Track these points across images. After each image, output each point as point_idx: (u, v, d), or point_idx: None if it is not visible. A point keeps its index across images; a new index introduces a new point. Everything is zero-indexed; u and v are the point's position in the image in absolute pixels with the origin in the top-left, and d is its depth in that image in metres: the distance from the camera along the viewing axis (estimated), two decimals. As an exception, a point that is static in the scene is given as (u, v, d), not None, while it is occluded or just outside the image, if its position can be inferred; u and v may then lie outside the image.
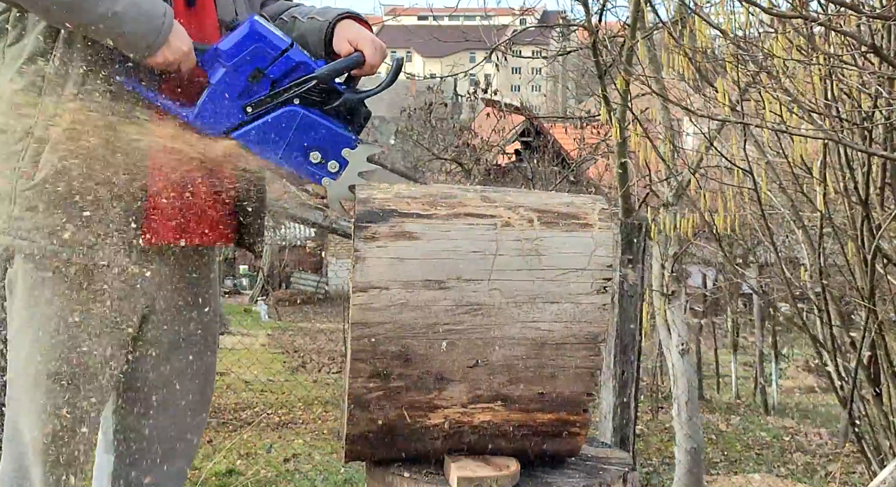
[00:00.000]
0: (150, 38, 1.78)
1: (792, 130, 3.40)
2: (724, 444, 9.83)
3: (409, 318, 1.52)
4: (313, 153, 1.82)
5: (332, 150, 1.83)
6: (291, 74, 1.83)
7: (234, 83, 1.81)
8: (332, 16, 2.05)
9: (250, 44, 1.81)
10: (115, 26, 1.76)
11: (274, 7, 2.21)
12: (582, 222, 1.58)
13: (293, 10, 2.18)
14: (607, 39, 4.80)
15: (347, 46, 1.96)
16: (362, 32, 2.00)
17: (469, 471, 1.57)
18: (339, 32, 2.02)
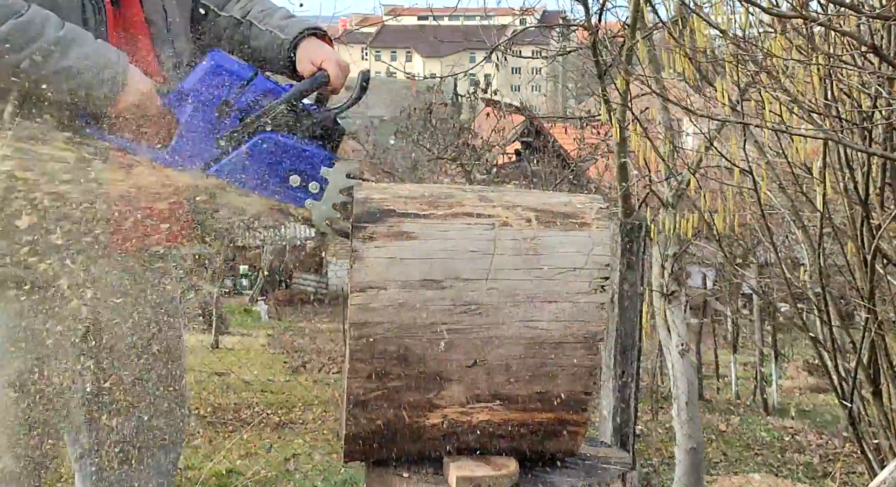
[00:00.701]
0: (106, 88, 1.78)
1: (792, 130, 3.40)
2: (724, 444, 9.82)
3: (407, 318, 1.52)
4: (292, 177, 1.81)
5: (311, 171, 1.82)
6: (260, 102, 1.82)
7: (203, 119, 1.81)
8: (294, 33, 2.04)
9: (214, 78, 1.81)
10: (68, 81, 1.76)
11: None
12: (580, 221, 1.58)
13: (249, 13, 2.14)
14: (607, 39, 4.80)
15: (311, 67, 1.97)
16: (325, 51, 2.00)
17: (468, 471, 1.57)
18: (302, 52, 2.02)
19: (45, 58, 1.74)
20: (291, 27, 2.07)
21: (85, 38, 1.80)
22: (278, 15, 2.13)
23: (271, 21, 2.11)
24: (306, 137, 1.84)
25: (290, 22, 2.10)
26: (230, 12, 2.16)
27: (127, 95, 1.81)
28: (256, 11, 2.14)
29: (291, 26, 2.07)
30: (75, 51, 1.77)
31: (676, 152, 4.92)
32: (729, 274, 10.19)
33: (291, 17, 2.14)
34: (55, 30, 1.77)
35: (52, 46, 1.75)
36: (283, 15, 2.14)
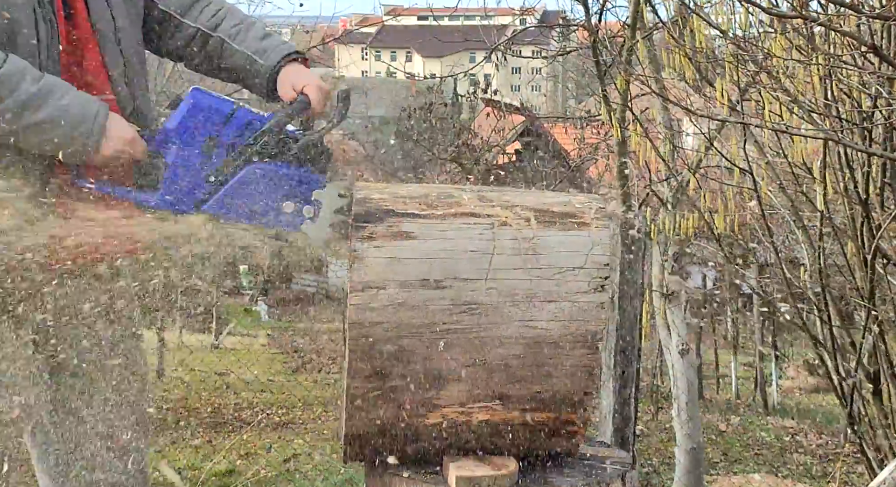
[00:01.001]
0: (80, 142, 1.78)
1: (792, 130, 3.40)
2: (724, 444, 9.83)
3: (406, 318, 1.52)
4: (285, 204, 1.82)
5: (303, 196, 1.83)
6: (244, 134, 1.83)
7: (190, 158, 1.82)
8: (275, 60, 2.04)
9: (196, 116, 1.82)
10: (41, 135, 1.76)
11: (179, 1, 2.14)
12: (579, 221, 1.58)
13: (220, 26, 2.11)
14: (607, 39, 4.80)
15: (292, 93, 1.97)
16: (305, 76, 2.00)
17: (468, 471, 1.57)
18: (282, 78, 2.02)
19: (19, 112, 1.74)
20: (271, 52, 2.06)
21: (63, 91, 1.80)
22: (253, 33, 2.11)
23: (247, 40, 2.09)
24: (294, 162, 1.85)
25: (269, 44, 2.08)
26: (196, 21, 2.13)
27: (112, 144, 1.81)
28: (229, 26, 2.11)
29: (270, 50, 2.06)
30: (51, 105, 1.77)
31: (676, 152, 4.92)
32: (729, 274, 10.19)
33: (267, 35, 2.11)
34: (31, 84, 1.77)
35: (26, 101, 1.75)
36: (258, 33, 2.11)
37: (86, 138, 1.79)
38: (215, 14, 2.13)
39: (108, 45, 2.01)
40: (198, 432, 8.36)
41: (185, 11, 2.13)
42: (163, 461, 6.83)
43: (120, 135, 1.83)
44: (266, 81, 2.05)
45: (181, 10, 2.13)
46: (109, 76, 2.01)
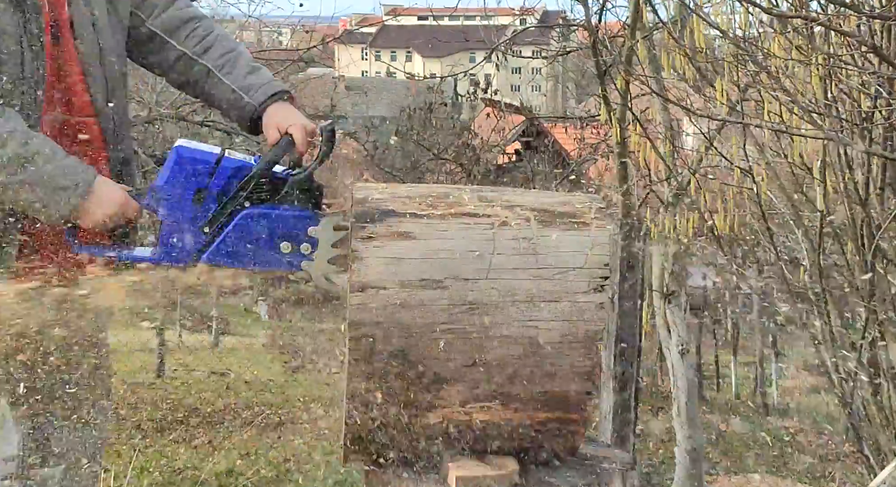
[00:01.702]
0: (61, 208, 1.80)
1: (792, 131, 3.40)
2: (724, 444, 9.83)
3: (406, 318, 1.52)
4: (283, 244, 1.82)
5: (299, 234, 1.83)
6: (233, 181, 1.83)
7: (182, 212, 1.83)
8: (260, 99, 2.04)
9: (183, 170, 1.83)
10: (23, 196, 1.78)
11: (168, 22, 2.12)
12: (579, 220, 1.58)
13: (208, 52, 2.10)
14: (607, 39, 4.80)
15: (276, 133, 1.97)
16: (290, 116, 2.00)
17: (467, 471, 1.57)
18: (267, 118, 2.02)
19: (1, 169, 1.75)
20: (257, 90, 2.05)
21: (48, 157, 1.80)
22: (241, 66, 2.10)
23: (234, 73, 2.07)
24: (286, 202, 1.85)
25: (255, 80, 2.07)
26: (183, 45, 2.11)
27: (103, 209, 1.84)
28: (216, 55, 2.10)
29: (257, 88, 2.05)
30: (34, 168, 1.78)
31: (676, 152, 4.92)
32: (729, 274, 10.18)
33: (255, 69, 2.10)
34: (18, 145, 1.77)
35: (10, 160, 1.76)
36: (245, 66, 2.10)
37: (63, 207, 1.80)
38: (203, 39, 2.11)
39: (91, 67, 2.01)
40: (198, 432, 8.37)
41: (173, 33, 2.12)
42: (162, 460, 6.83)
43: (111, 199, 1.85)
44: (250, 119, 2.06)
45: (168, 30, 2.11)
46: (91, 98, 2.01)
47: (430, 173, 9.72)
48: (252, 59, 2.14)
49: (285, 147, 1.93)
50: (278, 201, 1.84)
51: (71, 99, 1.98)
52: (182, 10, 2.13)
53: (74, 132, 1.97)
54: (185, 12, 2.14)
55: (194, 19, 2.13)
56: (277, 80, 2.12)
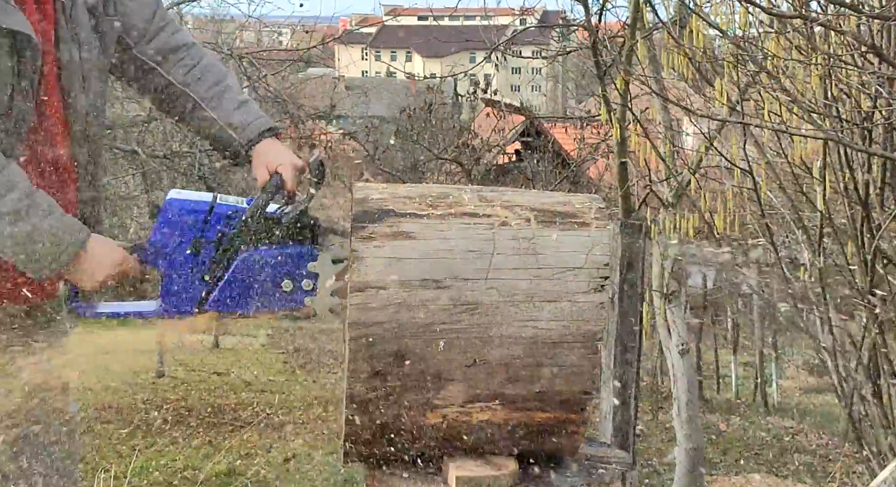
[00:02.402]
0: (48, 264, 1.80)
1: (792, 131, 3.40)
2: (724, 444, 9.83)
3: (406, 317, 1.52)
4: (284, 283, 1.83)
5: (299, 271, 1.84)
6: (227, 226, 1.84)
7: (181, 263, 1.84)
8: (248, 137, 2.03)
9: (177, 222, 1.84)
10: (16, 248, 1.78)
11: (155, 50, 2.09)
12: (579, 220, 1.58)
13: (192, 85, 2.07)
14: (607, 39, 4.80)
15: (266, 173, 1.97)
16: (278, 155, 2.00)
17: (467, 471, 1.57)
18: (255, 158, 2.02)
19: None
20: (245, 128, 2.04)
21: (45, 214, 1.80)
22: (229, 99, 2.08)
23: (221, 107, 2.06)
24: (283, 241, 1.86)
25: (243, 117, 2.05)
26: (169, 74, 2.08)
27: (102, 269, 1.84)
28: (203, 88, 2.08)
29: (245, 126, 2.04)
30: (30, 222, 1.78)
31: (676, 152, 4.92)
32: (729, 274, 10.18)
33: (243, 103, 2.09)
34: (19, 198, 1.77)
35: (9, 211, 1.76)
36: (233, 100, 2.08)
37: (52, 263, 1.81)
38: (191, 70, 2.09)
39: (74, 101, 2.00)
40: (198, 432, 8.37)
41: (160, 61, 2.09)
42: (162, 460, 6.83)
43: (109, 259, 1.85)
44: (236, 156, 2.06)
45: (155, 58, 2.09)
46: (70, 133, 2.00)
47: (430, 173, 9.72)
48: (240, 90, 2.12)
49: (276, 187, 1.94)
50: (275, 241, 1.85)
51: (50, 134, 1.97)
52: (170, 38, 2.11)
53: (50, 166, 1.96)
54: (174, 40, 2.11)
55: (183, 47, 2.11)
56: (264, 115, 2.10)
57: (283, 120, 8.39)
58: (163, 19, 2.11)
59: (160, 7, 2.13)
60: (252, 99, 2.13)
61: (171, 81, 2.08)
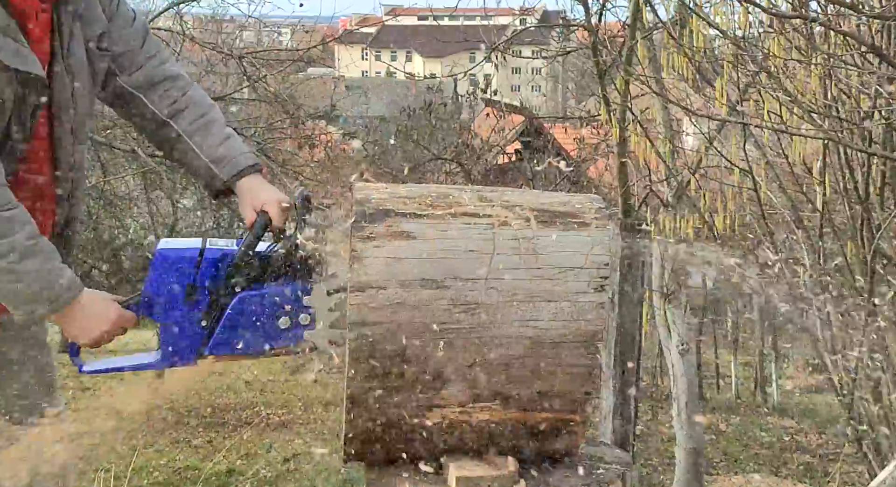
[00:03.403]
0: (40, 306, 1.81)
1: (792, 131, 3.41)
2: (724, 444, 9.83)
3: (406, 317, 1.52)
4: (281, 320, 1.83)
5: (295, 307, 1.83)
6: (219, 270, 1.84)
7: (176, 312, 1.84)
8: (230, 173, 2.03)
9: (169, 271, 1.84)
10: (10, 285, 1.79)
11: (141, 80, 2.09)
12: (579, 220, 1.58)
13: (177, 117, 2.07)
14: (607, 39, 4.80)
15: (252, 213, 1.98)
16: (262, 192, 2.00)
17: (468, 471, 1.57)
18: (240, 197, 2.02)
19: (3, 255, 1.77)
20: (228, 163, 2.04)
21: (48, 258, 1.82)
22: (213, 133, 2.07)
23: (205, 142, 2.05)
24: (275, 278, 1.86)
25: (227, 152, 2.05)
26: (154, 104, 2.08)
27: (99, 325, 1.86)
28: (186, 122, 2.07)
29: (227, 160, 2.04)
30: (32, 263, 1.79)
31: (676, 152, 4.92)
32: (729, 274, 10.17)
33: (227, 137, 2.07)
34: (25, 237, 1.80)
35: (14, 249, 1.78)
36: (218, 135, 2.07)
37: (39, 309, 1.82)
38: (175, 102, 2.09)
39: (62, 134, 2.00)
40: (198, 432, 8.37)
41: (145, 91, 2.09)
42: (162, 460, 6.83)
43: (104, 316, 1.87)
44: (218, 191, 2.06)
45: (141, 88, 2.09)
46: (57, 160, 2.01)
47: (430, 173, 9.71)
48: (224, 124, 2.11)
49: (263, 226, 1.94)
50: (267, 280, 1.85)
51: (37, 159, 1.98)
52: (156, 69, 2.10)
53: (33, 189, 1.97)
54: (160, 71, 2.10)
55: (169, 79, 2.10)
56: (248, 151, 2.10)
57: (283, 120, 8.39)
58: (150, 50, 2.11)
59: (149, 37, 2.13)
60: (236, 134, 2.12)
61: (155, 111, 2.08)
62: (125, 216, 10.74)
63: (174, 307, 1.84)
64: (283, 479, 6.32)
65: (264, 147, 8.07)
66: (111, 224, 10.47)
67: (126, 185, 10.28)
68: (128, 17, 2.09)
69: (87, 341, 1.88)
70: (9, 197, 1.81)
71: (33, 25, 1.90)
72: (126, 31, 2.08)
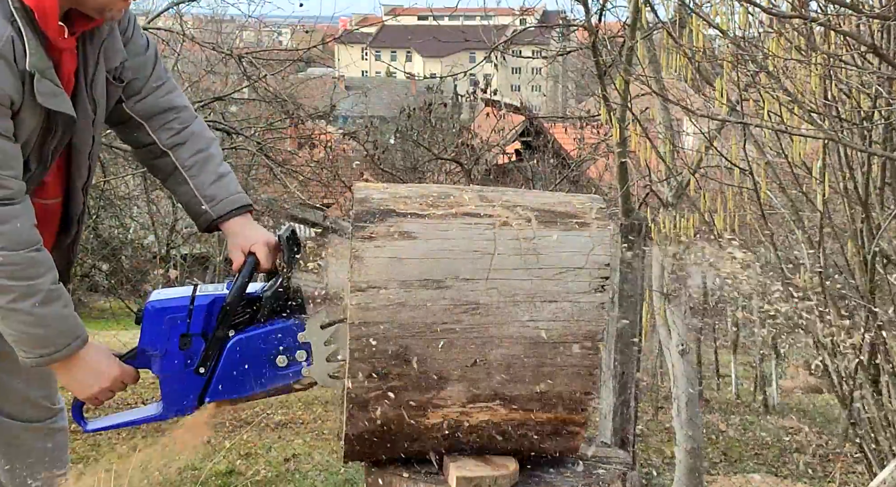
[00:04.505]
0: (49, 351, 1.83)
1: (792, 131, 3.41)
2: (724, 444, 9.83)
3: (407, 317, 1.52)
4: (278, 359, 1.84)
5: (290, 344, 1.84)
6: (211, 316, 1.85)
7: (173, 362, 1.85)
8: (220, 212, 2.05)
9: (160, 323, 1.85)
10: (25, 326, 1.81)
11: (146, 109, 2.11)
12: (579, 221, 1.58)
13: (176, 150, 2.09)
14: (607, 39, 4.80)
15: (241, 255, 1.99)
16: (250, 234, 2.02)
17: (468, 471, 1.57)
18: (229, 238, 2.04)
19: (28, 296, 1.79)
20: (220, 202, 2.05)
21: (66, 304, 1.85)
22: (208, 171, 2.08)
23: (199, 177, 2.07)
24: (268, 318, 1.87)
25: (219, 190, 2.06)
26: (155, 133, 2.10)
27: (101, 382, 1.88)
28: (186, 155, 2.08)
29: (220, 200, 2.05)
30: (52, 308, 1.82)
31: (676, 152, 4.92)
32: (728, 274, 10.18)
33: (221, 176, 2.09)
34: (50, 281, 1.82)
35: (37, 291, 1.80)
36: (213, 172, 2.08)
37: (53, 351, 1.84)
38: (178, 133, 2.11)
39: (80, 161, 2.04)
40: (197, 432, 8.34)
41: (148, 119, 2.11)
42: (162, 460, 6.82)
43: (105, 372, 1.89)
44: (207, 226, 2.08)
45: (145, 117, 2.11)
46: (72, 186, 2.05)
47: (429, 173, 9.71)
48: (221, 161, 2.13)
49: (252, 268, 1.95)
50: (261, 320, 1.86)
51: (48, 187, 2.02)
52: (162, 99, 2.12)
53: (37, 213, 1.98)
54: (166, 101, 2.13)
55: (173, 109, 2.12)
56: (240, 192, 2.11)
57: (283, 120, 8.38)
58: (159, 79, 2.14)
59: (158, 64, 2.15)
60: (231, 171, 2.16)
61: (155, 140, 2.11)
62: (125, 216, 10.73)
63: (170, 358, 1.85)
64: (283, 479, 6.32)
65: (264, 147, 8.07)
66: (111, 224, 10.45)
67: (126, 185, 10.27)
68: (141, 44, 2.12)
69: (86, 396, 1.90)
70: (38, 238, 1.84)
71: (67, 65, 1.93)
72: (138, 59, 2.11)
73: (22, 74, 1.80)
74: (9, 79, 1.78)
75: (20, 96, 1.81)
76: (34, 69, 1.80)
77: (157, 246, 11.14)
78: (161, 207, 11.01)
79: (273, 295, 1.87)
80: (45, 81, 1.83)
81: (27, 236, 1.81)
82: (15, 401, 2.20)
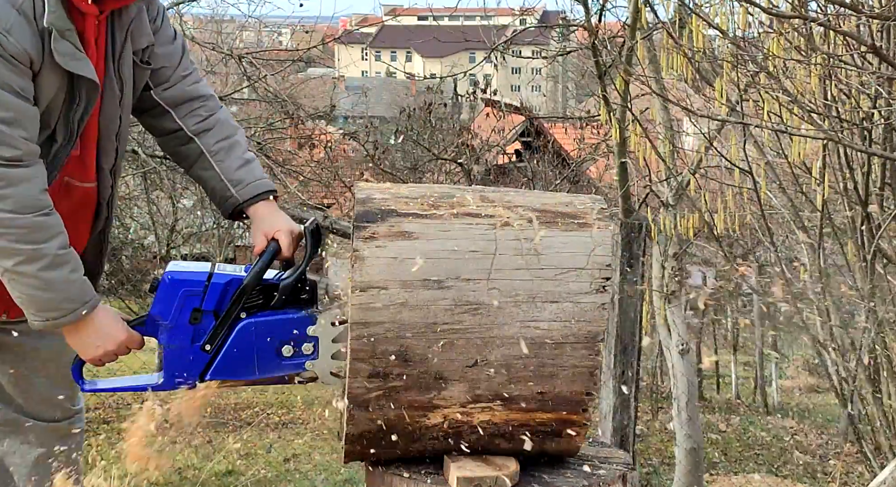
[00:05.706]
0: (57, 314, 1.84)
1: (792, 131, 3.41)
2: (724, 444, 9.83)
3: (408, 317, 1.52)
4: (285, 348, 1.83)
5: (299, 336, 1.84)
6: (226, 295, 1.85)
7: (181, 335, 1.84)
8: (246, 196, 2.06)
9: (175, 294, 1.84)
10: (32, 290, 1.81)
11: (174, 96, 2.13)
12: (581, 221, 1.58)
13: (202, 136, 2.11)
14: (607, 40, 4.80)
15: (263, 240, 1.99)
16: (275, 221, 2.02)
17: (468, 471, 1.57)
18: (253, 222, 2.05)
19: (34, 260, 1.79)
20: (245, 186, 2.07)
21: (74, 269, 1.85)
22: (234, 156, 2.10)
23: (226, 162, 2.09)
24: (281, 306, 1.86)
25: (245, 175, 2.08)
26: (182, 120, 2.12)
27: (106, 345, 1.88)
28: (212, 141, 2.10)
29: (245, 185, 2.07)
30: (59, 273, 1.82)
31: (676, 152, 4.92)
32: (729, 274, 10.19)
33: (247, 162, 2.11)
34: (57, 246, 1.82)
35: (44, 255, 1.80)
36: (238, 157, 2.10)
37: (56, 318, 1.85)
38: (204, 120, 2.13)
39: (107, 142, 2.05)
40: (198, 432, 8.36)
41: (175, 107, 2.13)
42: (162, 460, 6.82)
43: (112, 335, 1.89)
44: (232, 212, 2.09)
45: (172, 104, 2.13)
46: (100, 168, 2.06)
47: (430, 173, 9.71)
48: (246, 148, 2.15)
49: (273, 254, 1.95)
50: (274, 307, 1.85)
51: (81, 168, 2.02)
52: (190, 87, 2.15)
53: (75, 197, 2.01)
54: (193, 89, 2.15)
55: (200, 98, 2.15)
56: (266, 177, 2.13)
57: (283, 120, 8.38)
58: (186, 68, 2.16)
59: (186, 56, 2.18)
60: (256, 159, 2.17)
61: (182, 127, 2.12)
62: (125, 216, 10.74)
63: (179, 331, 1.84)
64: (283, 479, 6.32)
65: (264, 147, 8.07)
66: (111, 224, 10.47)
67: (126, 185, 10.28)
68: (169, 34, 2.15)
69: (90, 357, 1.90)
70: (47, 203, 1.83)
71: (90, 32, 1.92)
72: (167, 48, 2.12)
73: (42, 32, 1.81)
74: (28, 36, 1.79)
75: (40, 56, 1.81)
76: (52, 26, 1.81)
77: (157, 246, 11.15)
78: (161, 207, 11.01)
79: (292, 284, 1.87)
80: (64, 41, 1.84)
81: (35, 199, 1.80)
82: (37, 400, 2.21)
